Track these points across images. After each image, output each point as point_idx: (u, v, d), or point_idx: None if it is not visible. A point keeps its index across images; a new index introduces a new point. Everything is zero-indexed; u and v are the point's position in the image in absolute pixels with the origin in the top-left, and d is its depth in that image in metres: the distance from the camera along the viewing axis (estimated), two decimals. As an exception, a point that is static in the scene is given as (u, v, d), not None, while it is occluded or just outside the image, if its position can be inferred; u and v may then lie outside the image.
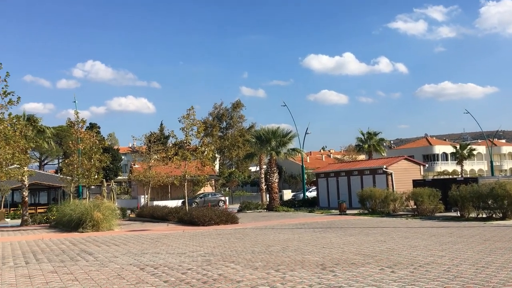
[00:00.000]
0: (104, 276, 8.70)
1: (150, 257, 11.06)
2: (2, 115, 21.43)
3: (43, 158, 65.37)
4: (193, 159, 26.08)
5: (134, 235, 17.58)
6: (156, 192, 43.99)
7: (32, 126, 31.12)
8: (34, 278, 8.69)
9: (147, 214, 29.30)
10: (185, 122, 24.86)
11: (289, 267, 9.10)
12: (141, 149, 38.70)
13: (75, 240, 16.07)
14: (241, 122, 71.23)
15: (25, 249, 13.73)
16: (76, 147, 27.98)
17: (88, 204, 21.76)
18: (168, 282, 7.96)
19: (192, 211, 23.12)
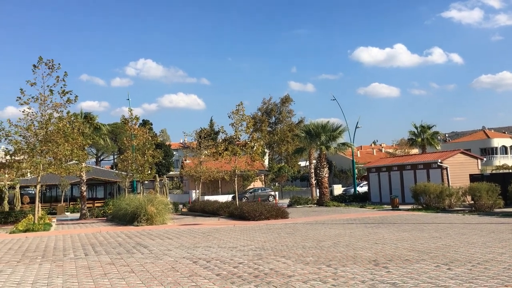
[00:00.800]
0: (158, 268, 8.93)
1: (202, 251, 11.25)
2: (61, 113, 22.40)
3: (99, 154, 67.87)
4: (243, 154, 26.27)
5: (187, 229, 17.95)
6: (206, 187, 44.70)
7: (89, 124, 32.41)
8: (93, 269, 9.05)
9: (198, 209, 29.83)
10: (235, 117, 25.09)
11: (341, 263, 9.00)
12: (192, 144, 39.43)
13: (131, 233, 16.59)
14: (290, 117, 71.01)
15: (84, 242, 14.32)
16: (130, 143, 28.88)
17: (142, 198, 22.39)
18: (220, 275, 8.07)
19: (242, 206, 23.32)
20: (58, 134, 21.64)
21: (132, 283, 7.59)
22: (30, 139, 21.83)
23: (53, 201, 44.42)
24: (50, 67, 21.60)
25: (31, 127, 21.57)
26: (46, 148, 21.53)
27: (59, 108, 22.17)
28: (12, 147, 22.01)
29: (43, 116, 21.81)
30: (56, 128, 21.71)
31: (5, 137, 21.99)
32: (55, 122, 21.89)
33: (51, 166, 22.05)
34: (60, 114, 22.28)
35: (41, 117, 21.78)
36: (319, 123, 33.11)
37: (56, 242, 14.60)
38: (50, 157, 22.33)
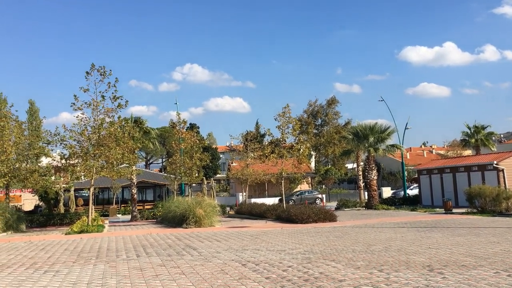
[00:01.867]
0: (208, 270, 8.98)
1: (251, 254, 11.24)
2: (113, 118, 23.09)
3: (148, 157, 69.55)
4: (289, 156, 26.17)
5: (234, 231, 18.02)
6: (253, 189, 44.84)
7: (139, 128, 33.23)
8: (145, 271, 9.22)
9: (245, 211, 29.96)
10: (281, 120, 25.03)
11: (393, 268, 8.74)
12: (239, 147, 39.67)
13: (180, 235, 16.83)
14: (336, 119, 70.24)
15: (136, 243, 14.65)
16: (178, 146, 29.39)
17: (190, 201, 22.71)
18: (269, 278, 8.02)
19: (289, 209, 23.20)
20: (110, 138, 22.31)
21: (183, 285, 7.66)
22: (83, 144, 22.63)
23: (105, 203, 45.90)
24: (102, 73, 22.32)
25: (85, 132, 22.36)
26: (98, 152, 22.24)
27: (110, 113, 22.87)
28: (67, 151, 22.90)
29: (95, 121, 22.55)
30: (108, 133, 22.39)
31: (61, 141, 22.93)
32: (107, 127, 22.58)
33: (103, 169, 22.75)
34: (111, 119, 22.98)
35: (94, 122, 22.53)
36: (367, 125, 32.53)
37: (109, 243, 15.01)
38: (102, 161, 23.03)
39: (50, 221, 30.27)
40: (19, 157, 26.86)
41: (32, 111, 58.68)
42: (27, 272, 9.59)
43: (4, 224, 22.02)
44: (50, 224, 29.95)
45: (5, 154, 23.34)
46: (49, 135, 23.93)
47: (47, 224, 29.82)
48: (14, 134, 25.89)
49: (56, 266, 10.27)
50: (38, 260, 11.38)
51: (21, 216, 27.27)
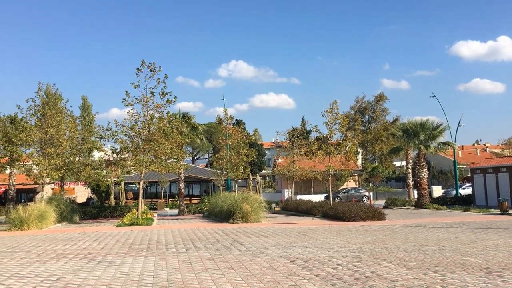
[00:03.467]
0: (257, 266, 8.96)
1: (299, 250, 11.13)
2: (162, 113, 23.51)
3: (195, 153, 70.57)
4: (336, 153, 25.83)
5: (281, 227, 17.96)
6: (299, 186, 44.61)
7: (187, 123, 33.71)
8: (194, 264, 9.31)
9: (291, 208, 29.82)
10: (328, 116, 24.73)
11: (448, 269, 8.41)
12: (284, 144, 39.53)
13: (227, 230, 16.94)
14: (384, 116, 68.71)
15: (184, 237, 14.86)
16: (225, 142, 29.58)
17: (237, 196, 22.82)
18: (319, 276, 7.90)
19: (337, 206, 22.90)
20: (159, 133, 22.74)
21: (233, 280, 7.67)
22: (134, 138, 23.19)
23: (154, 197, 46.97)
24: (152, 69, 22.76)
25: (135, 127, 22.89)
26: (148, 146, 22.72)
27: (159, 109, 23.29)
28: (118, 145, 23.52)
29: (145, 116, 23.04)
30: (157, 128, 22.83)
31: (112, 136, 23.58)
32: (156, 122, 23.03)
33: (152, 163, 23.22)
34: (160, 115, 23.39)
35: (143, 118, 23.02)
36: (418, 121, 31.61)
37: (159, 236, 15.31)
38: (151, 155, 23.52)
39: (102, 213, 31.26)
40: (73, 151, 27.87)
41: (85, 106, 60.79)
42: (82, 262, 9.90)
43: (59, 215, 22.92)
44: (102, 216, 30.92)
45: (60, 148, 24.24)
46: (101, 130, 24.71)
47: (99, 216, 30.81)
48: (68, 129, 26.86)
49: (109, 257, 10.55)
50: (92, 251, 11.75)
51: (75, 208, 28.33)
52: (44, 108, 25.68)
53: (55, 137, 24.10)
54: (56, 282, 7.80)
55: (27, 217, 19.67)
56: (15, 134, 26.35)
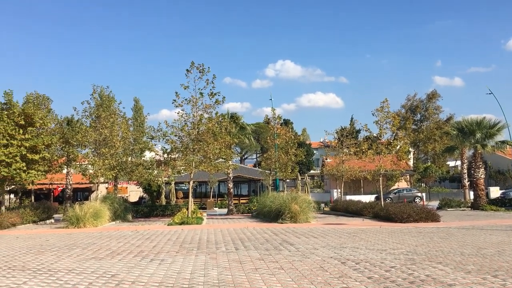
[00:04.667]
0: (307, 267, 8.85)
1: (350, 252, 10.92)
2: (211, 114, 23.80)
3: (243, 153, 70.99)
4: (387, 153, 25.24)
5: (331, 228, 17.71)
6: (348, 186, 43.95)
7: (235, 123, 34.00)
8: (244, 264, 9.31)
9: (341, 208, 29.43)
10: (379, 115, 24.21)
11: (509, 274, 7.96)
12: (333, 143, 39.05)
13: (276, 230, 16.88)
14: (437, 114, 66.61)
15: (234, 236, 14.93)
16: (273, 142, 29.59)
17: (285, 196, 22.73)
18: (372, 278, 7.69)
19: (388, 207, 22.35)
20: (208, 133, 23.03)
21: (283, 280, 7.60)
22: (184, 139, 23.60)
23: (203, 196, 47.67)
24: (201, 70, 23.07)
25: (185, 127, 23.29)
26: (197, 146, 23.06)
27: (208, 109, 23.60)
28: (169, 146, 24.02)
29: (194, 117, 23.39)
30: (206, 128, 23.13)
31: (163, 137, 24.10)
32: (205, 123, 23.33)
33: (202, 163, 23.54)
34: (209, 115, 23.69)
35: (193, 118, 23.38)
36: (473, 119, 30.36)
37: (208, 235, 15.46)
38: (201, 155, 23.85)
39: (153, 212, 32.04)
40: (126, 151, 28.73)
41: (137, 108, 62.49)
42: (135, 260, 10.13)
43: (113, 214, 23.65)
44: (153, 215, 31.69)
45: (114, 148, 25.02)
46: (152, 131, 25.33)
47: (150, 215, 31.59)
48: (121, 130, 27.72)
49: (161, 255, 10.74)
50: (144, 249, 12.01)
51: (128, 206, 29.18)
52: (99, 110, 26.63)
53: (108, 138, 24.92)
54: (111, 279, 8.00)
55: (83, 215, 20.41)
56: (72, 135, 27.47)
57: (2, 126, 21.83)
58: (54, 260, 10.36)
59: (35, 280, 8.07)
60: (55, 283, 7.72)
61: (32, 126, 23.38)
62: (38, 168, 23.66)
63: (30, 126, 23.27)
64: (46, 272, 8.87)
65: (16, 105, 23.22)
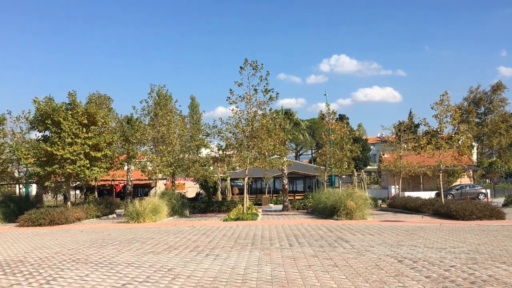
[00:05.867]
0: (362, 264, 8.69)
1: (407, 250, 10.61)
2: (264, 110, 23.85)
3: (298, 149, 70.74)
4: (448, 148, 24.30)
5: (388, 225, 17.30)
6: (406, 182, 42.74)
7: (289, 120, 34.00)
8: (298, 260, 9.28)
9: (399, 205, 28.68)
10: (438, 108, 23.32)
11: None
12: (390, 138, 38.06)
13: (331, 227, 16.70)
14: (503, 106, 63.26)
15: (288, 233, 14.92)
16: (328, 138, 29.25)
17: (341, 193, 22.43)
18: (430, 278, 7.44)
19: (449, 204, 21.53)
20: (262, 130, 23.10)
21: (337, 277, 7.51)
22: (238, 135, 23.81)
23: (258, 192, 47.95)
24: (254, 67, 23.16)
25: (239, 124, 23.48)
26: (252, 143, 23.20)
27: (262, 106, 23.66)
28: (224, 142, 24.32)
29: (249, 113, 23.53)
30: (260, 125, 23.21)
31: (218, 134, 24.44)
32: (259, 119, 23.42)
33: (256, 160, 23.66)
34: (263, 111, 23.74)
35: (247, 115, 23.54)
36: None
37: (263, 231, 15.54)
38: (255, 152, 23.99)
39: (210, 208, 32.60)
40: (183, 148, 29.40)
41: (193, 106, 63.74)
42: (191, 254, 10.36)
43: (171, 209, 24.29)
44: (210, 210, 32.25)
45: (171, 145, 25.66)
46: (208, 128, 25.78)
47: (207, 211, 32.16)
48: (178, 127, 28.38)
49: (216, 250, 10.92)
50: (200, 244, 12.25)
51: (185, 202, 29.88)
52: (156, 108, 27.38)
53: (166, 135, 25.57)
54: (168, 272, 8.23)
55: (143, 210, 21.10)
56: (131, 133, 28.44)
57: (67, 126, 22.93)
58: (115, 254, 10.79)
59: (96, 272, 8.44)
60: (115, 276, 8.03)
61: (95, 125, 24.40)
62: (101, 165, 24.68)
63: (93, 125, 24.30)
64: (107, 265, 9.25)
65: (79, 105, 24.31)
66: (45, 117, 23.38)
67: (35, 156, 23.28)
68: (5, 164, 28.38)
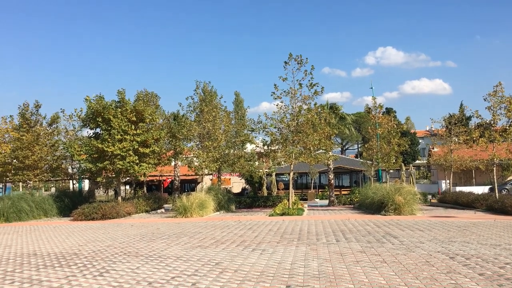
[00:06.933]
0: (411, 261, 8.49)
1: (459, 246, 10.27)
2: (309, 105, 23.70)
3: (343, 143, 69.88)
4: (502, 141, 23.31)
5: (438, 221, 16.81)
6: (458, 177, 41.37)
7: (334, 114, 33.62)
8: (345, 256, 9.18)
9: (449, 200, 27.84)
10: (492, 100, 22.41)
11: None
12: (440, 131, 36.89)
13: (379, 222, 16.41)
14: (561, 96, 60.03)
15: (334, 228, 14.78)
16: (374, 132, 28.73)
17: (388, 187, 21.99)
18: (484, 275, 7.17)
19: (504, 199, 20.67)
20: (307, 125, 22.97)
21: (385, 274, 7.37)
22: (283, 130, 23.77)
23: (304, 187, 47.75)
24: (299, 62, 23.03)
25: (284, 119, 23.44)
26: (297, 138, 23.12)
27: (307, 100, 23.51)
28: (269, 138, 24.35)
29: (293, 108, 23.44)
30: (305, 119, 23.08)
31: (263, 129, 24.50)
32: (304, 114, 23.29)
33: (301, 155, 23.56)
34: (308, 106, 23.60)
35: (292, 110, 23.45)
36: None
37: (309, 226, 15.46)
38: (300, 147, 23.89)
39: (255, 203, 32.78)
40: (228, 144, 29.68)
41: (237, 101, 64.12)
42: (238, 249, 10.45)
43: (217, 204, 24.60)
44: (255, 205, 32.43)
45: (216, 141, 25.96)
46: (253, 123, 25.84)
47: (253, 206, 32.36)
48: (223, 123, 28.66)
49: (262, 245, 10.96)
50: (246, 239, 12.34)
51: (231, 197, 30.19)
52: (202, 104, 27.75)
53: (211, 131, 25.90)
54: (215, 266, 8.34)
55: (190, 205, 21.48)
56: (178, 130, 28.96)
57: (117, 123, 23.62)
58: (164, 247, 11.05)
59: (147, 265, 8.67)
60: (165, 269, 8.22)
61: (143, 122, 25.02)
62: (149, 161, 25.30)
63: (141, 122, 24.92)
64: (157, 258, 9.48)
65: (128, 102, 24.97)
66: (96, 115, 24.19)
67: (87, 152, 24.13)
68: (59, 161, 29.58)
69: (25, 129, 27.50)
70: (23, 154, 26.44)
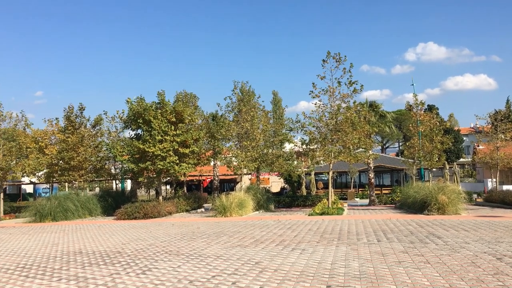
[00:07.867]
0: (456, 262, 8.23)
1: (507, 247, 9.89)
2: (348, 103, 23.39)
3: (384, 141, 68.63)
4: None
5: (484, 221, 16.25)
6: (505, 175, 39.87)
7: (374, 112, 33.04)
8: (386, 256, 9.00)
9: (496, 199, 26.90)
10: (540, 94, 21.46)
11: None
12: (486, 128, 35.69)
13: (421, 222, 16.02)
14: None
15: (375, 228, 14.52)
16: (416, 129, 28.09)
17: (431, 186, 21.44)
18: (534, 278, 6.87)
19: (554, 198, 19.77)
20: (346, 123, 22.68)
21: (429, 275, 7.18)
22: (322, 129, 23.57)
23: (343, 187, 47.22)
24: (337, 60, 22.78)
25: (323, 118, 23.24)
26: (336, 137, 22.87)
27: (346, 99, 23.21)
28: (307, 137, 24.21)
29: (332, 107, 23.20)
30: (344, 118, 22.80)
31: (301, 128, 24.37)
32: (343, 112, 23.01)
33: (341, 154, 23.29)
34: (347, 104, 23.30)
35: (330, 108, 23.22)
36: None
37: (349, 226, 15.27)
38: (339, 146, 23.62)
39: (294, 202, 32.66)
40: (266, 143, 29.70)
41: (275, 101, 64.09)
42: (277, 248, 10.43)
43: (256, 204, 24.66)
44: (294, 205, 32.31)
45: (255, 141, 26.04)
46: (291, 123, 25.77)
47: (292, 205, 32.25)
48: (261, 123, 28.72)
49: (302, 245, 10.90)
50: (286, 238, 12.30)
51: (270, 197, 30.19)
52: (240, 104, 27.91)
53: (250, 131, 25.99)
54: (255, 266, 8.35)
55: (229, 205, 21.62)
56: (217, 130, 29.25)
57: (157, 124, 24.07)
58: (204, 247, 11.17)
59: (188, 264, 8.79)
60: (205, 268, 8.31)
61: (182, 123, 25.39)
62: (189, 161, 25.65)
63: (180, 123, 25.29)
64: (198, 257, 9.59)
65: (168, 104, 25.40)
66: (137, 116, 24.73)
67: (129, 153, 24.71)
68: (103, 161, 30.44)
69: (70, 131, 28.43)
70: (69, 156, 27.35)
